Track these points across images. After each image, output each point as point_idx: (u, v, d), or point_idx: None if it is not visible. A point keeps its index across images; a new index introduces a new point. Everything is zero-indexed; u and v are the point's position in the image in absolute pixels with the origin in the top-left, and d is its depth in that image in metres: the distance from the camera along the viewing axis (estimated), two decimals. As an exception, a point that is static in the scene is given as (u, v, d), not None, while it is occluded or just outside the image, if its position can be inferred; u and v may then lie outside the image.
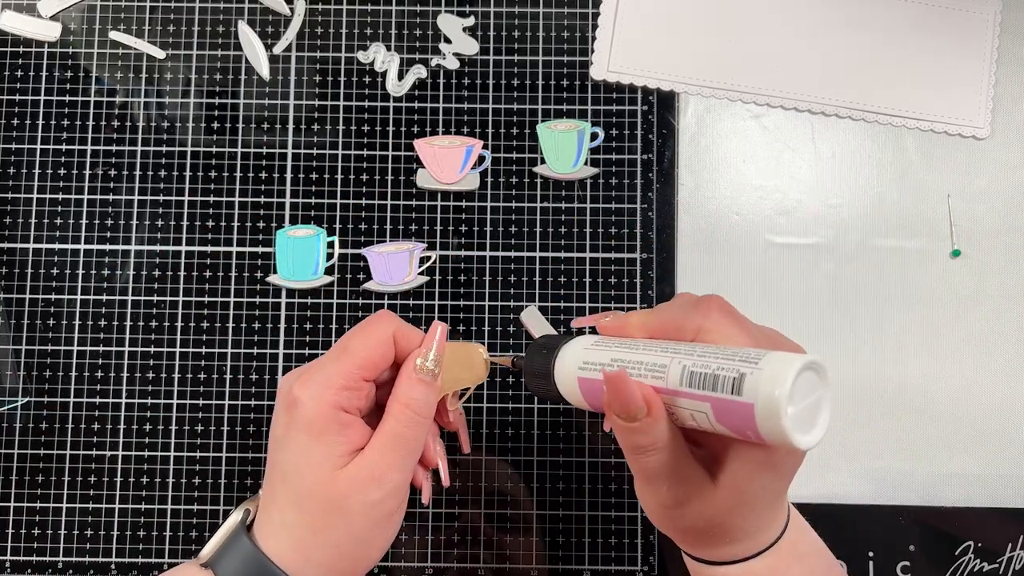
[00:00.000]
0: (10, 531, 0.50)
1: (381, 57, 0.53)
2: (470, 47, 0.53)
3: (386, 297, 0.51)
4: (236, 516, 0.41)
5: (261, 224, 0.52)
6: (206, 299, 0.51)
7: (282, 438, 0.40)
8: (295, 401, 0.39)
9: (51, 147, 0.52)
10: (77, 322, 0.51)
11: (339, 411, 0.39)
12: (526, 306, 0.51)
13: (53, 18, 0.53)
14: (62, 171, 0.52)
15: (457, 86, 0.53)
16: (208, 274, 0.52)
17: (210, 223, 0.52)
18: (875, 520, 0.50)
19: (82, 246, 0.52)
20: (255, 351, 0.51)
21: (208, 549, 0.41)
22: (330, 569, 0.39)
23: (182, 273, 0.52)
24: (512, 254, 0.52)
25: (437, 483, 0.46)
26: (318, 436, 0.39)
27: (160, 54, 0.53)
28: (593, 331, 0.42)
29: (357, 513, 0.39)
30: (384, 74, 0.53)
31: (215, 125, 0.53)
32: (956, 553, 0.49)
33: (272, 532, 0.40)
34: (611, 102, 0.53)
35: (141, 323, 0.51)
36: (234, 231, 0.52)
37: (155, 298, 0.51)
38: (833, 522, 0.50)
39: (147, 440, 0.51)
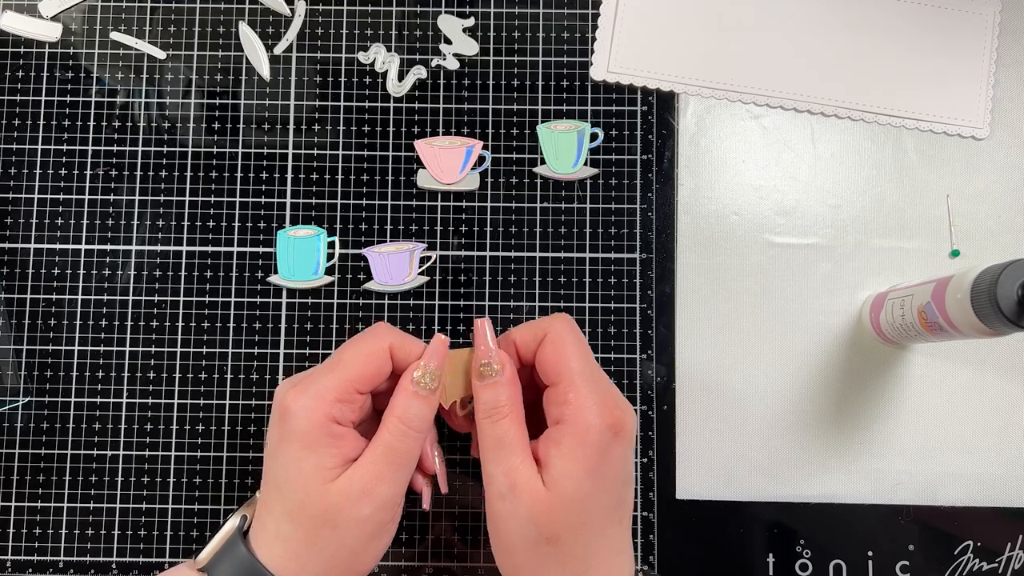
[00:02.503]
0: (11, 531, 0.50)
1: (381, 58, 0.53)
2: (470, 48, 0.53)
3: (386, 297, 0.51)
4: (233, 522, 0.42)
5: (261, 224, 0.52)
6: (206, 299, 0.52)
7: (275, 449, 0.40)
8: (288, 412, 0.39)
9: (52, 147, 0.52)
10: (77, 322, 0.51)
11: (331, 423, 0.39)
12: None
13: (54, 19, 0.53)
14: (63, 171, 0.52)
15: (457, 87, 0.53)
16: (208, 274, 0.52)
17: (211, 223, 0.52)
18: (874, 520, 0.50)
19: (83, 246, 0.52)
20: (255, 351, 0.51)
21: (205, 554, 0.41)
22: None
23: (182, 273, 0.52)
24: (512, 254, 0.52)
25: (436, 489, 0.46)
26: (310, 448, 0.39)
27: (161, 54, 0.53)
28: None
29: (349, 526, 0.39)
30: (384, 74, 0.53)
31: (216, 125, 0.53)
32: (955, 553, 0.49)
33: (267, 541, 0.40)
34: (611, 102, 0.53)
35: (141, 323, 0.51)
36: (234, 231, 0.52)
37: (155, 298, 0.52)
38: (833, 522, 0.50)
39: (147, 440, 0.51)
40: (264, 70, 0.53)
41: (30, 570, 0.50)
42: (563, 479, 0.38)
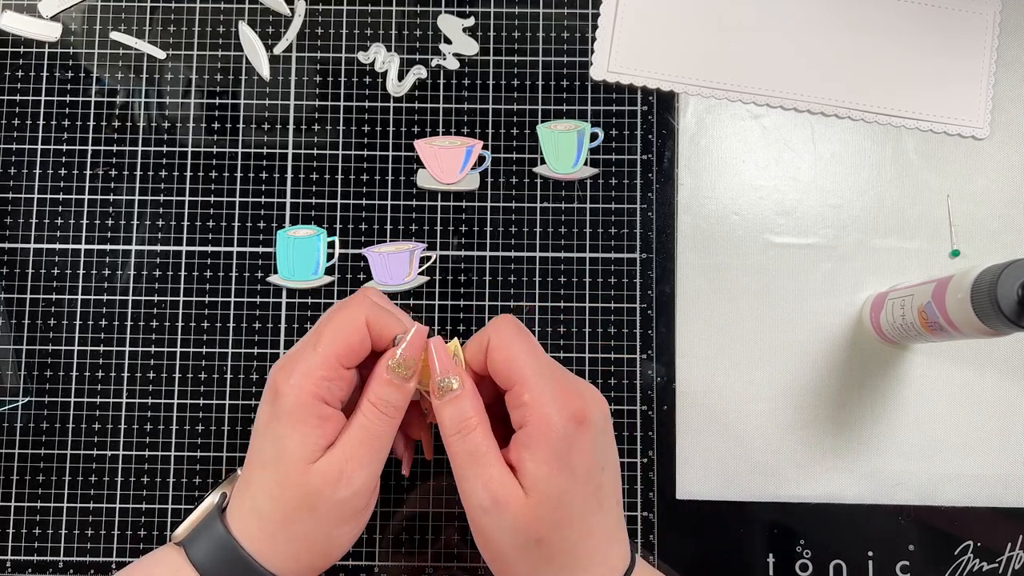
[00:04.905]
0: (10, 531, 0.50)
1: (381, 57, 0.53)
2: (470, 47, 0.53)
3: (386, 297, 0.51)
4: (213, 499, 0.42)
5: (261, 224, 0.52)
6: (206, 299, 0.52)
7: (264, 427, 0.41)
8: (278, 392, 0.40)
9: (52, 147, 0.52)
10: (77, 322, 0.51)
11: (320, 402, 0.40)
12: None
13: (54, 18, 0.53)
14: (63, 171, 0.52)
15: (457, 86, 0.53)
16: (208, 274, 0.52)
17: (210, 223, 0.52)
18: (875, 520, 0.50)
19: (83, 246, 0.52)
20: (255, 351, 0.51)
21: (182, 529, 0.41)
22: (295, 560, 0.40)
23: (182, 273, 0.52)
24: (512, 254, 0.52)
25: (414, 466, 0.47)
26: (296, 427, 0.39)
27: (160, 54, 0.53)
28: None
29: (327, 509, 0.39)
30: (384, 74, 0.53)
31: (215, 125, 0.53)
32: (955, 553, 0.49)
33: (244, 517, 0.40)
34: (611, 102, 0.53)
35: (141, 323, 0.51)
36: (234, 231, 0.52)
37: (155, 298, 0.52)
38: (833, 522, 0.50)
39: (147, 440, 0.51)
40: (264, 70, 0.53)
41: (30, 570, 0.50)
42: (539, 482, 0.38)
